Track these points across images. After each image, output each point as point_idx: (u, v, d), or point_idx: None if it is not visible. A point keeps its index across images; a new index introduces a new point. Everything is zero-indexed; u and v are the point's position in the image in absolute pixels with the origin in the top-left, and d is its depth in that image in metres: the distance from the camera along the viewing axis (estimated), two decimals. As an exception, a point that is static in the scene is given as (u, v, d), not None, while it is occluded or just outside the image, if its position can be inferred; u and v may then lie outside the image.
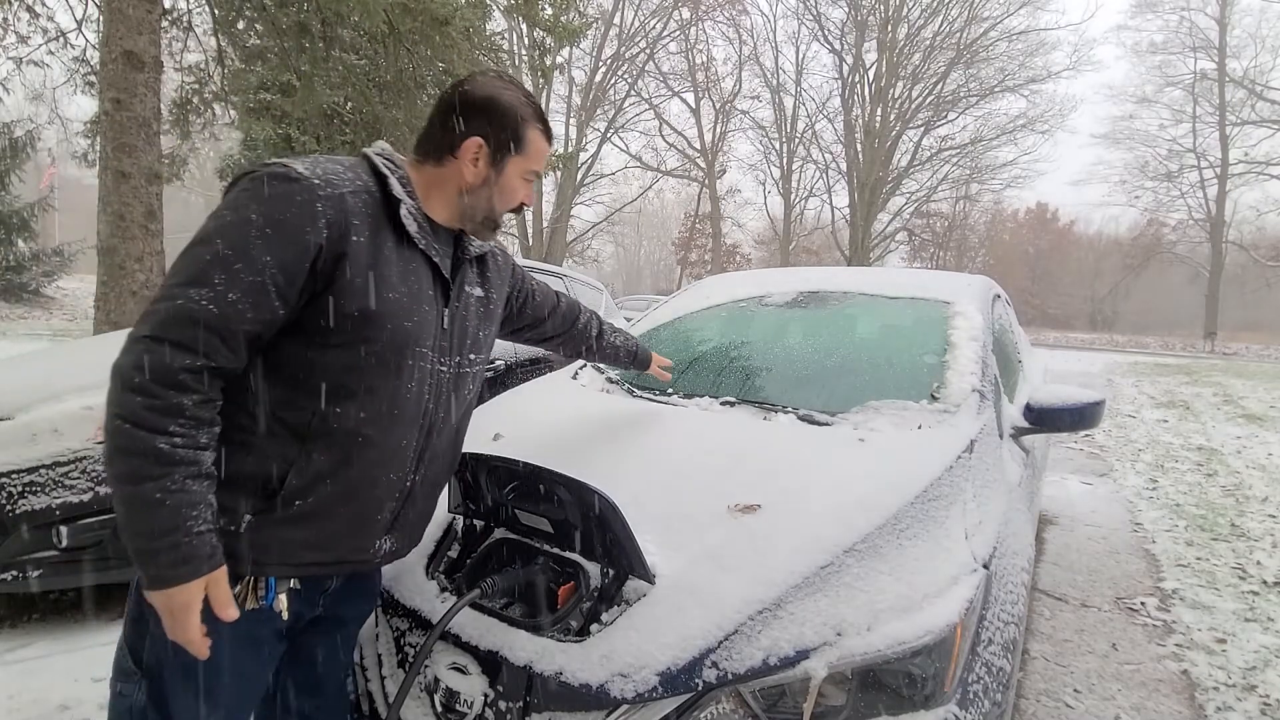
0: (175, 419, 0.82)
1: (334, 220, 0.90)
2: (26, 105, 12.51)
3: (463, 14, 7.14)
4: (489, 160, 1.05)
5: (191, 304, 0.82)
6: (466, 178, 1.05)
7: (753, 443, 1.63)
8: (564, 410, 2.01)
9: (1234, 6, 27.06)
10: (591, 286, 5.33)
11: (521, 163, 1.09)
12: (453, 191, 1.06)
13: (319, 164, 0.93)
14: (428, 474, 1.10)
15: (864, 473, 1.44)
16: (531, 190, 1.16)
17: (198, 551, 0.83)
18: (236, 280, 0.84)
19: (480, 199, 1.07)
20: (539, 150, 1.11)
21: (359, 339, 0.94)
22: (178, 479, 0.81)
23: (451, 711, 1.16)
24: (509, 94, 1.06)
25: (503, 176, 1.07)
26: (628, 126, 26.08)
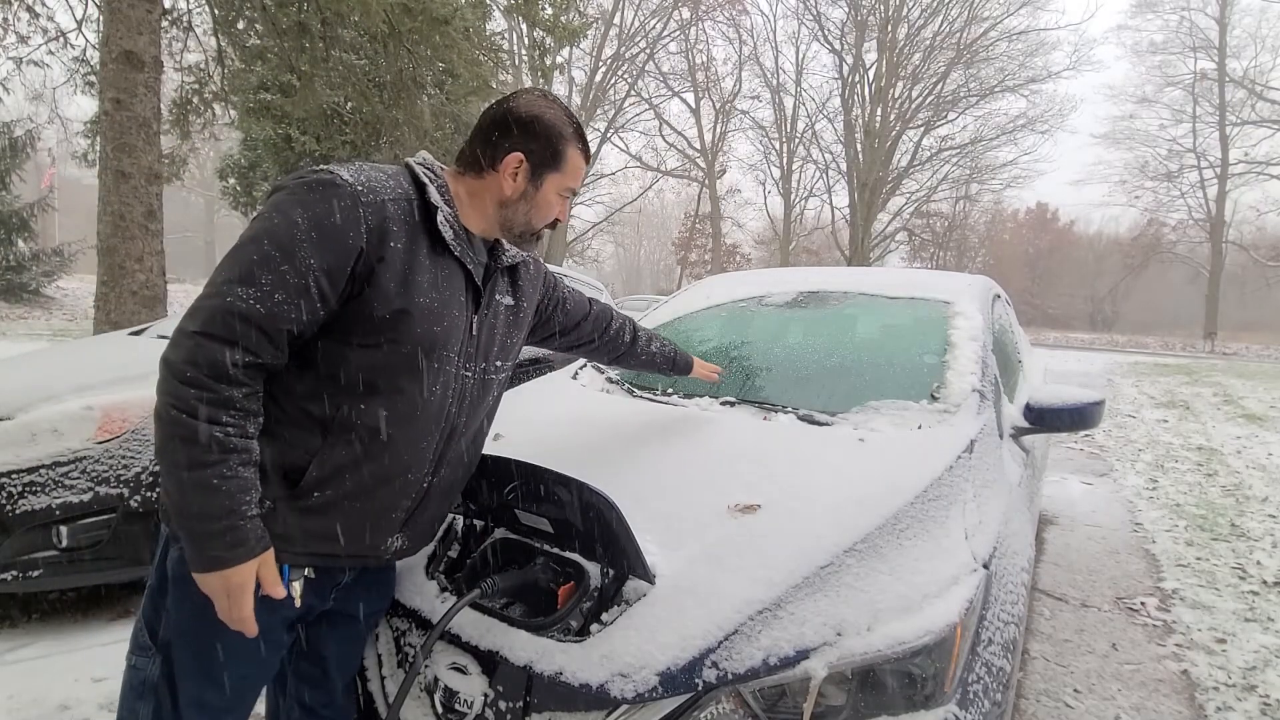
0: (227, 410, 0.87)
1: (375, 226, 0.93)
2: (26, 105, 12.51)
3: (463, 14, 7.14)
4: (528, 175, 1.09)
5: (240, 302, 0.86)
6: (505, 191, 1.08)
7: (753, 443, 1.63)
8: (564, 410, 2.01)
9: (1234, 6, 27.07)
10: (591, 286, 5.33)
11: (559, 180, 1.12)
12: (490, 203, 1.09)
13: (363, 171, 0.97)
14: (445, 476, 1.13)
15: (864, 473, 1.44)
16: (567, 207, 1.19)
17: (252, 534, 0.89)
18: (282, 281, 0.88)
19: (518, 212, 1.11)
20: (577, 169, 1.14)
21: (389, 339, 0.97)
22: (232, 465, 0.87)
23: (451, 711, 1.16)
24: (552, 113, 1.10)
25: (540, 192, 1.11)
26: (628, 126, 26.11)
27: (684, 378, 2.19)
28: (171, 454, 0.86)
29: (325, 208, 0.90)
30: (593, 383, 2.27)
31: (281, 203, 0.91)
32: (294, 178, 0.94)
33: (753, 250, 38.14)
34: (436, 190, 1.04)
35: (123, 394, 2.34)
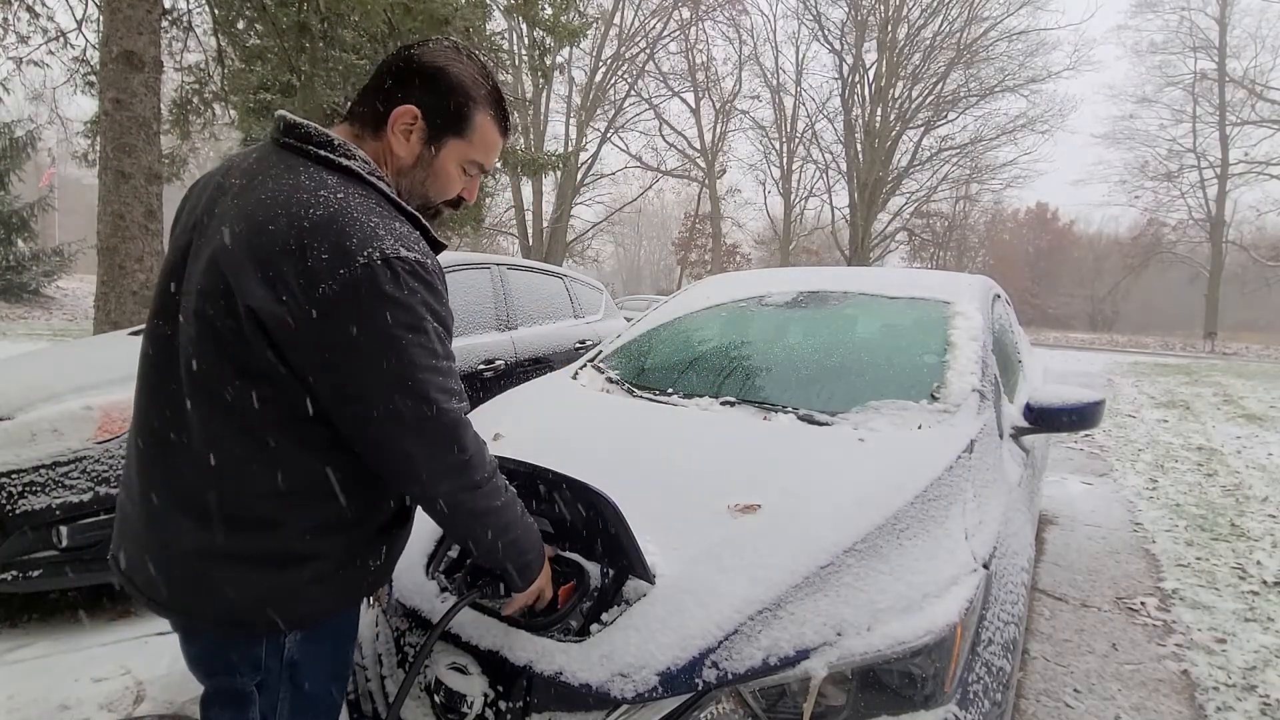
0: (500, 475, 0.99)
1: (444, 290, 0.91)
2: (26, 105, 12.51)
3: (463, 14, 7.15)
4: (424, 136, 0.94)
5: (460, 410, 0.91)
6: (397, 153, 0.94)
7: (753, 443, 1.64)
8: (564, 410, 2.02)
9: (1234, 6, 27.08)
10: (591, 286, 5.33)
11: (463, 149, 0.97)
12: (391, 172, 0.96)
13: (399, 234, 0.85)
14: None
15: (864, 473, 1.44)
16: (474, 185, 1.05)
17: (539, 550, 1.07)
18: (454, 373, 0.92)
19: (415, 183, 0.97)
20: (487, 140, 0.99)
21: None
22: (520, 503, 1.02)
23: (452, 711, 1.16)
24: (461, 68, 0.94)
25: (439, 159, 0.96)
26: (628, 126, 26.10)
27: (683, 377, 2.19)
28: (511, 529, 0.98)
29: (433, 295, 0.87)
30: (593, 383, 2.27)
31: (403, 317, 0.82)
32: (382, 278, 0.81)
33: (753, 250, 38.16)
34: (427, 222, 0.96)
35: (123, 394, 2.34)
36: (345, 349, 0.81)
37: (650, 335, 2.58)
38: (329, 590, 0.94)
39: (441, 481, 0.89)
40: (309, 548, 0.90)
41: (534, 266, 4.63)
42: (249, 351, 0.81)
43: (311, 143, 0.88)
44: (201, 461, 0.85)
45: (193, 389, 0.85)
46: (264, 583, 0.88)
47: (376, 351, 0.81)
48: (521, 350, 3.94)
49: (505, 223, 25.73)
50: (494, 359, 3.68)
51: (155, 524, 0.89)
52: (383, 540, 1.00)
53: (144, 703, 1.92)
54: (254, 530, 0.87)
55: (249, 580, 0.87)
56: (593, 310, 5.05)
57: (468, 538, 0.97)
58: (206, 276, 0.83)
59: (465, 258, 3.87)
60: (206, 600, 0.88)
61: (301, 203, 0.81)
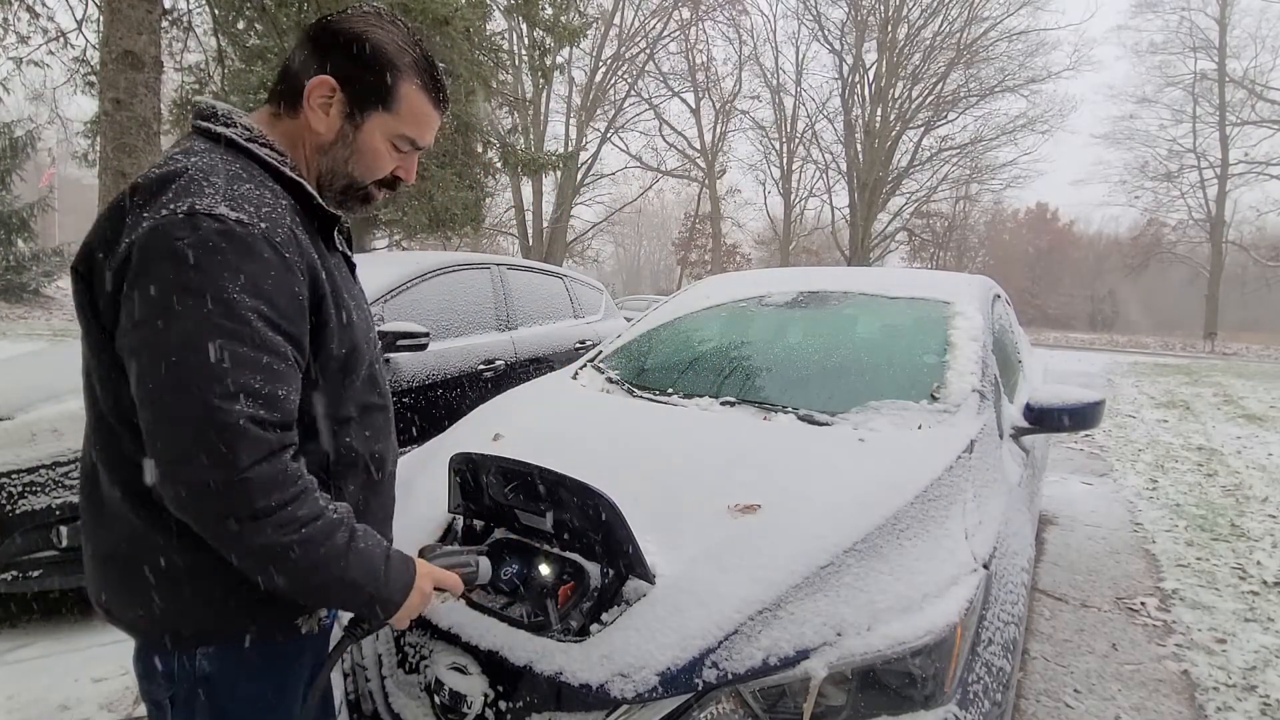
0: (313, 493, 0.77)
1: (303, 265, 0.78)
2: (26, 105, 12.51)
3: (463, 14, 7.14)
4: (344, 110, 0.86)
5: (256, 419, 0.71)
6: (315, 128, 0.86)
7: (753, 443, 1.64)
8: (564, 410, 2.02)
9: (1234, 6, 27.06)
10: (591, 287, 5.33)
11: (390, 123, 0.88)
12: (310, 151, 0.89)
13: (238, 196, 0.75)
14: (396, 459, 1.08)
15: (864, 473, 1.44)
16: (411, 163, 0.95)
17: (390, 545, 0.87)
18: (275, 376, 0.73)
19: (336, 161, 0.89)
20: (416, 112, 0.89)
21: (345, 370, 0.88)
22: (353, 523, 0.81)
23: (452, 711, 1.16)
24: (382, 34, 0.86)
25: (362, 134, 0.88)
26: (628, 126, 26.09)
27: (683, 377, 2.19)
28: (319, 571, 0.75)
29: (254, 268, 0.72)
30: (593, 383, 2.27)
31: (202, 285, 0.69)
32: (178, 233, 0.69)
33: (753, 250, 38.16)
34: (292, 171, 0.84)
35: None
36: (126, 314, 0.71)
37: (650, 335, 2.58)
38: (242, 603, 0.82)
39: (199, 502, 0.70)
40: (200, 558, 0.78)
41: (534, 266, 4.63)
42: (89, 328, 0.77)
43: (199, 117, 0.83)
44: (91, 457, 0.82)
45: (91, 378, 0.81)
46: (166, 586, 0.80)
47: (146, 318, 0.69)
48: (521, 350, 3.94)
49: (505, 223, 25.74)
50: (494, 359, 3.68)
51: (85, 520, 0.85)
52: None
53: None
54: (144, 532, 0.79)
55: (153, 584, 0.80)
56: (593, 310, 5.05)
57: (261, 581, 0.75)
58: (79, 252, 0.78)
59: (465, 258, 3.88)
60: (117, 602, 0.83)
61: (153, 166, 0.76)
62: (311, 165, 0.89)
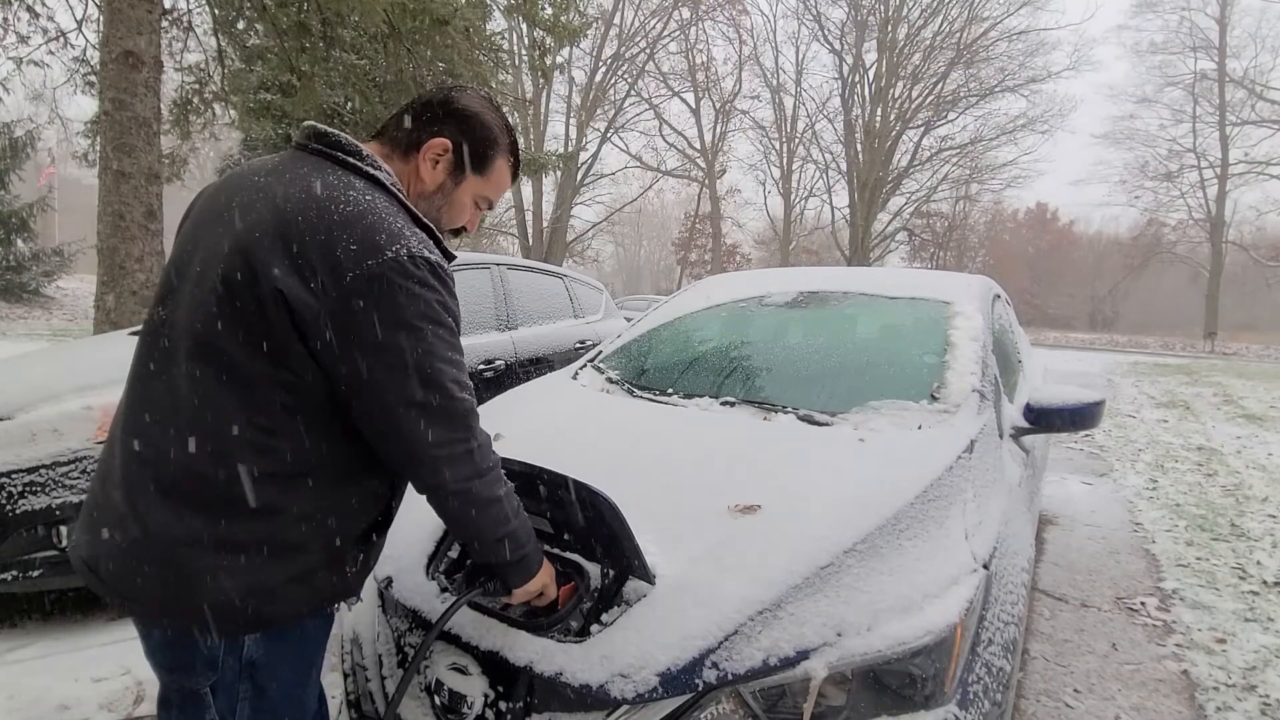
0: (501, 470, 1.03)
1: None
2: (26, 105, 12.51)
3: (463, 14, 7.14)
4: (450, 169, 1.04)
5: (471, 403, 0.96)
6: (423, 178, 1.03)
7: (753, 443, 1.64)
8: (564, 410, 2.01)
9: (1234, 6, 27.07)
10: (591, 286, 5.33)
11: (479, 185, 1.08)
12: (413, 194, 1.04)
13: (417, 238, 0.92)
14: None
15: (864, 473, 1.44)
16: (478, 218, 1.15)
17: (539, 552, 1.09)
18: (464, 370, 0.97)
19: (432, 207, 1.05)
20: (500, 181, 1.10)
21: None
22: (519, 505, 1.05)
23: (452, 712, 1.16)
24: (492, 116, 1.07)
25: (458, 190, 1.06)
26: (628, 126, 26.09)
27: (683, 377, 2.19)
28: (510, 520, 1.00)
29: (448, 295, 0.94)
30: (593, 383, 2.27)
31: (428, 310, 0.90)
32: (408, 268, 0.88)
33: (753, 250, 38.16)
34: (442, 236, 1.02)
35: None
36: (369, 335, 0.86)
37: (650, 335, 2.58)
38: (306, 590, 0.94)
39: (452, 466, 0.92)
40: (301, 538, 0.91)
41: (534, 266, 4.63)
42: (271, 333, 0.85)
43: (341, 150, 0.96)
44: (201, 444, 0.85)
45: (198, 371, 0.86)
46: (249, 573, 0.88)
47: (399, 338, 0.87)
48: (521, 350, 3.93)
49: (505, 223, 25.72)
50: (494, 359, 3.68)
51: (137, 512, 0.87)
52: (362, 547, 1.01)
53: (144, 703, 1.92)
54: (251, 516, 0.87)
55: (235, 569, 0.87)
56: (593, 310, 5.05)
57: (469, 527, 0.98)
58: (230, 261, 0.86)
59: (465, 258, 3.87)
60: (180, 592, 0.87)
61: (332, 199, 0.88)
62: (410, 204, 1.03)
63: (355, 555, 0.99)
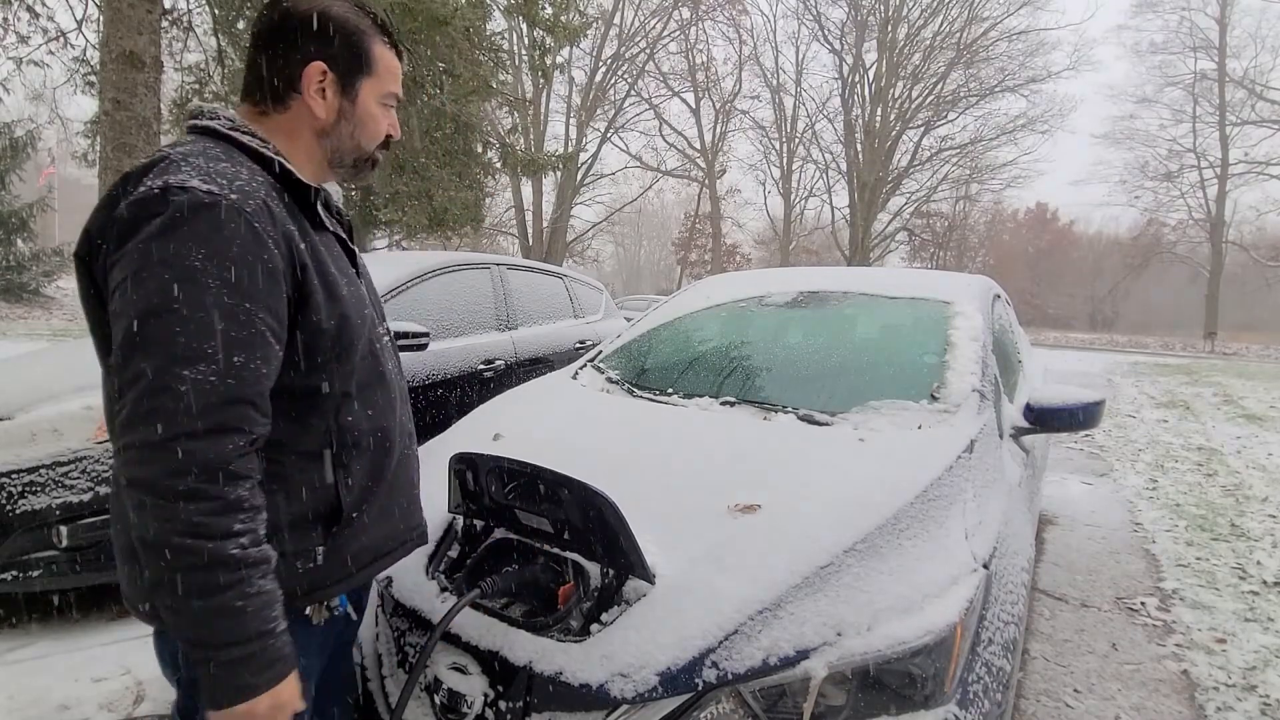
0: (237, 516, 0.74)
1: (276, 235, 0.80)
2: (26, 105, 12.51)
3: (463, 14, 7.14)
4: (338, 88, 0.91)
5: (197, 385, 0.72)
6: (319, 114, 0.91)
7: (753, 443, 1.64)
8: (564, 410, 2.01)
9: (1234, 6, 27.07)
10: (591, 286, 5.33)
11: (375, 85, 0.94)
12: (310, 138, 0.93)
13: (211, 171, 0.78)
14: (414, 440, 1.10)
15: (864, 473, 1.44)
16: (395, 119, 1.01)
17: (284, 650, 0.78)
18: (229, 340, 0.74)
19: (343, 138, 0.94)
20: (390, 67, 0.96)
21: (341, 346, 0.89)
22: (254, 581, 0.75)
23: (452, 711, 1.16)
24: (339, 7, 0.91)
25: (359, 105, 0.93)
26: (628, 126, 26.09)
27: (683, 377, 2.20)
28: (177, 588, 0.71)
29: (220, 238, 0.74)
30: (593, 383, 2.27)
31: (163, 250, 0.72)
32: (151, 208, 0.74)
33: (753, 250, 38.16)
34: (274, 153, 0.87)
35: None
36: (113, 288, 0.75)
37: (650, 335, 2.58)
38: None
39: (129, 463, 0.72)
40: None
41: (534, 266, 4.63)
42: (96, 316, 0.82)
43: (192, 118, 0.89)
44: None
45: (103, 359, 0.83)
46: None
47: (119, 287, 0.74)
48: (521, 350, 3.93)
49: (505, 223, 25.74)
50: (494, 359, 3.68)
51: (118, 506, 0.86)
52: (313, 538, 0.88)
53: (144, 703, 1.92)
54: None
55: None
56: (593, 310, 5.05)
57: (145, 569, 0.74)
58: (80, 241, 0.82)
59: (465, 258, 3.87)
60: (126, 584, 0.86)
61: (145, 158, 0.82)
62: (314, 152, 0.94)
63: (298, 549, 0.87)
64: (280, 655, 0.78)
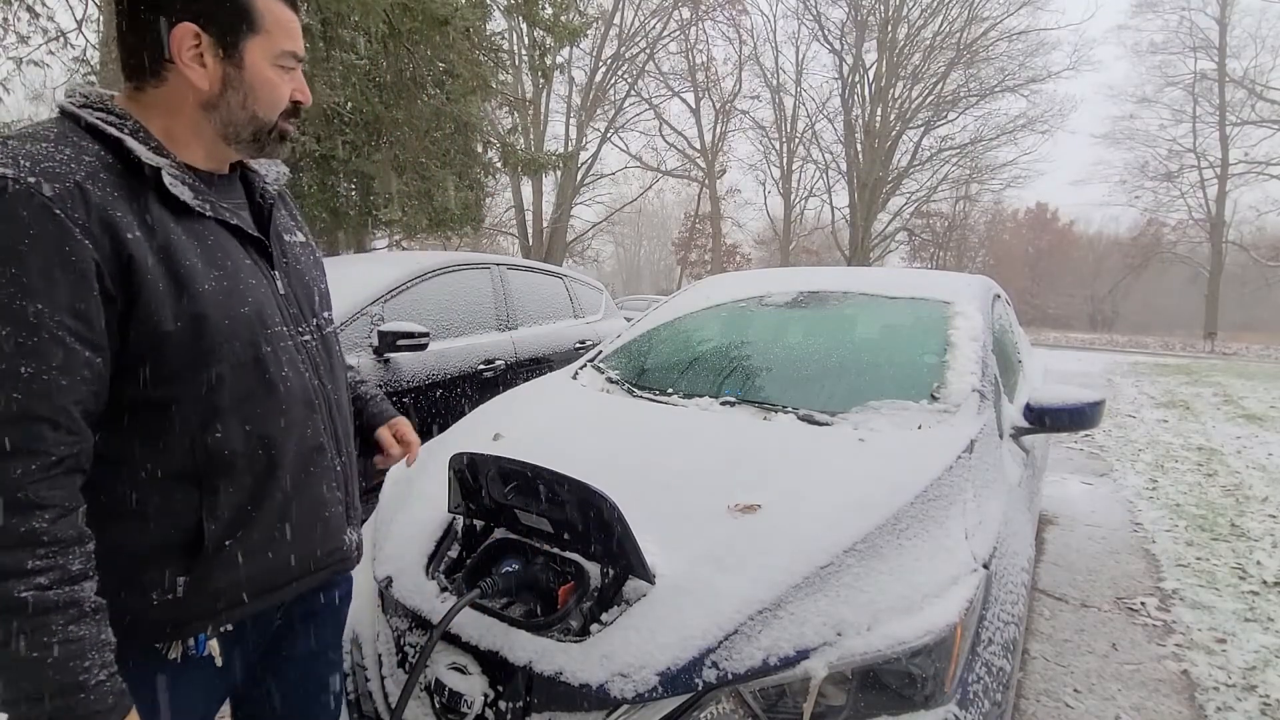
0: (32, 552, 0.64)
1: (89, 223, 0.69)
2: (26, 105, 12.50)
3: (463, 14, 7.14)
4: (215, 52, 0.78)
5: None
6: (198, 85, 0.78)
7: (753, 443, 1.64)
8: (564, 410, 2.02)
9: (1234, 6, 27.05)
10: (591, 286, 5.33)
11: (264, 44, 0.81)
12: (195, 113, 0.81)
13: (20, 153, 0.68)
14: (350, 454, 0.98)
15: (864, 473, 1.44)
16: (301, 81, 0.88)
17: (99, 705, 0.68)
18: (21, 350, 0.65)
19: (233, 109, 0.82)
20: (282, 21, 0.83)
21: (198, 351, 0.77)
22: (55, 630, 0.65)
23: (452, 711, 1.16)
24: None
25: (248, 69, 0.81)
26: (628, 126, 26.07)
27: (683, 377, 2.19)
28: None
29: (9, 231, 0.65)
30: (593, 383, 2.27)
31: None
32: None
33: (753, 250, 38.15)
34: (132, 136, 0.75)
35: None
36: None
37: (650, 335, 2.58)
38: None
39: None
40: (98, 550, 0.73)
41: (534, 266, 4.63)
42: None
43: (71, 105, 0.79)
44: None
45: None
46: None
47: None
48: (521, 350, 3.93)
49: (505, 223, 25.72)
50: (494, 359, 3.68)
51: None
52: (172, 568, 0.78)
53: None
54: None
55: None
56: (593, 310, 5.05)
57: None
58: None
59: (465, 258, 3.87)
60: None
61: None
62: (202, 127, 0.82)
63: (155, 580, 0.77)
64: (95, 712, 0.67)
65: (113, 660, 0.71)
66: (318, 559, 0.92)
